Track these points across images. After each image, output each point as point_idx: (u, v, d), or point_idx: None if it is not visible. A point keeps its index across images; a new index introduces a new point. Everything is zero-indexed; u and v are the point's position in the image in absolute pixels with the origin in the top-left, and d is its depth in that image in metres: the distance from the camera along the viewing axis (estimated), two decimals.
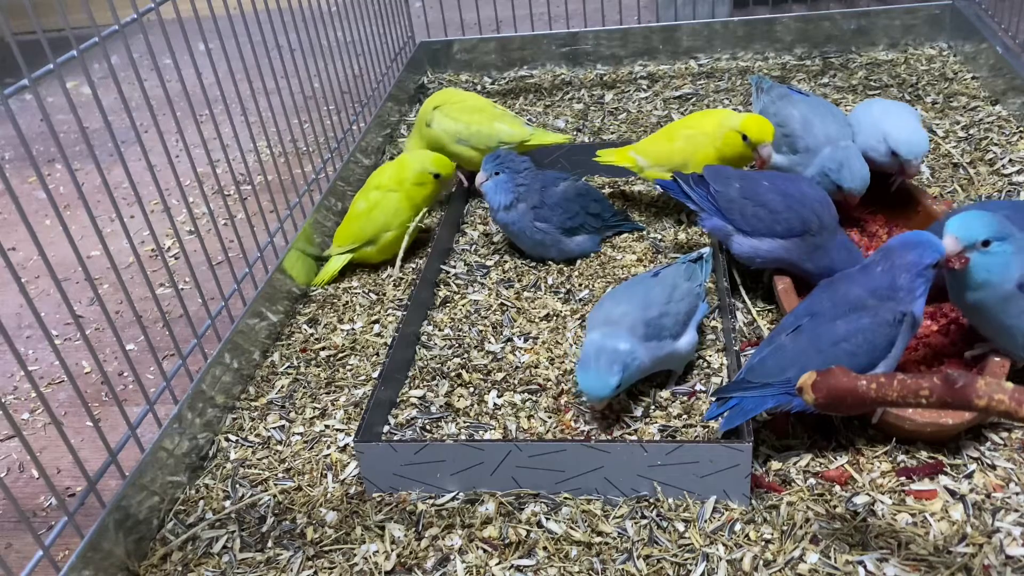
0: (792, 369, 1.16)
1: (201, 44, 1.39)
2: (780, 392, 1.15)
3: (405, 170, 1.73)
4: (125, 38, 1.22)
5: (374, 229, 1.70)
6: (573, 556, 1.09)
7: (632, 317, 1.27)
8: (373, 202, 1.72)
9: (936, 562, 1.03)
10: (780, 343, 1.20)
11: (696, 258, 1.46)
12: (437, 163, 1.74)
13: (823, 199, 1.42)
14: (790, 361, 1.17)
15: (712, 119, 1.64)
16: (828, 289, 1.23)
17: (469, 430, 1.30)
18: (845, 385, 0.92)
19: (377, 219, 1.70)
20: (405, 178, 1.72)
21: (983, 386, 0.82)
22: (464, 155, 1.85)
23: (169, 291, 1.80)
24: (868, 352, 1.15)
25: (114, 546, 1.13)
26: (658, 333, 1.27)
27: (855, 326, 1.16)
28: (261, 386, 1.47)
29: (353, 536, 1.16)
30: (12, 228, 2.16)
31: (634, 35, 2.48)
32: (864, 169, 1.52)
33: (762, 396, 1.16)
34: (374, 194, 1.73)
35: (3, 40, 1.06)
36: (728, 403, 1.17)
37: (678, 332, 1.30)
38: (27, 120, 2.77)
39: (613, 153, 1.77)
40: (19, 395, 1.59)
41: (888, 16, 2.36)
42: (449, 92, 1.96)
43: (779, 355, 1.18)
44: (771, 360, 1.18)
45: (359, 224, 1.71)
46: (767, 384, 1.16)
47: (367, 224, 1.70)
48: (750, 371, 1.19)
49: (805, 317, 1.21)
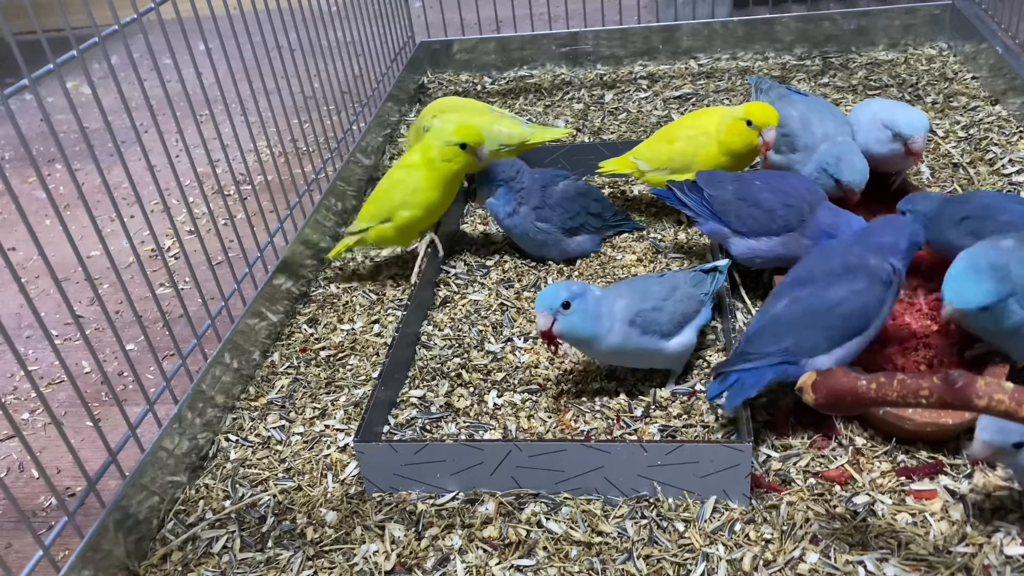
0: (789, 338, 1.19)
1: (201, 44, 1.39)
2: (778, 362, 1.18)
3: (430, 148, 1.61)
4: (125, 38, 1.22)
5: (390, 207, 1.62)
6: (573, 556, 1.09)
7: (626, 300, 1.28)
8: (395, 180, 1.64)
9: (936, 562, 1.03)
10: (776, 313, 1.22)
11: (710, 269, 1.43)
12: (461, 131, 1.59)
13: (811, 187, 1.44)
14: (786, 330, 1.19)
15: (712, 117, 1.64)
16: (821, 254, 1.27)
17: (469, 430, 1.30)
18: (845, 385, 0.92)
19: (394, 197, 1.62)
20: (431, 157, 1.60)
21: (983, 386, 0.82)
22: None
23: (169, 291, 1.80)
24: (862, 314, 1.19)
25: (114, 546, 1.13)
26: (646, 326, 1.27)
27: (849, 289, 1.19)
28: (261, 386, 1.47)
29: (353, 536, 1.16)
30: (12, 228, 2.16)
31: (634, 35, 2.48)
32: (863, 163, 1.52)
33: (761, 370, 1.18)
34: (398, 172, 1.65)
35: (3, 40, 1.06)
36: (728, 380, 1.18)
37: (670, 331, 1.29)
38: (27, 120, 2.77)
39: (615, 162, 1.77)
40: (19, 395, 1.59)
41: (888, 16, 2.36)
42: (447, 100, 1.95)
43: (776, 325, 1.21)
44: (769, 330, 1.20)
45: (376, 202, 1.65)
46: (766, 355, 1.18)
47: (384, 201, 1.63)
48: (748, 342, 1.21)
49: (797, 286, 1.23)
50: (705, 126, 1.64)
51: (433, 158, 1.60)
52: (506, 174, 1.62)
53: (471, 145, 1.59)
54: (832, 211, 1.39)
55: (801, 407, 1.22)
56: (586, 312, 1.23)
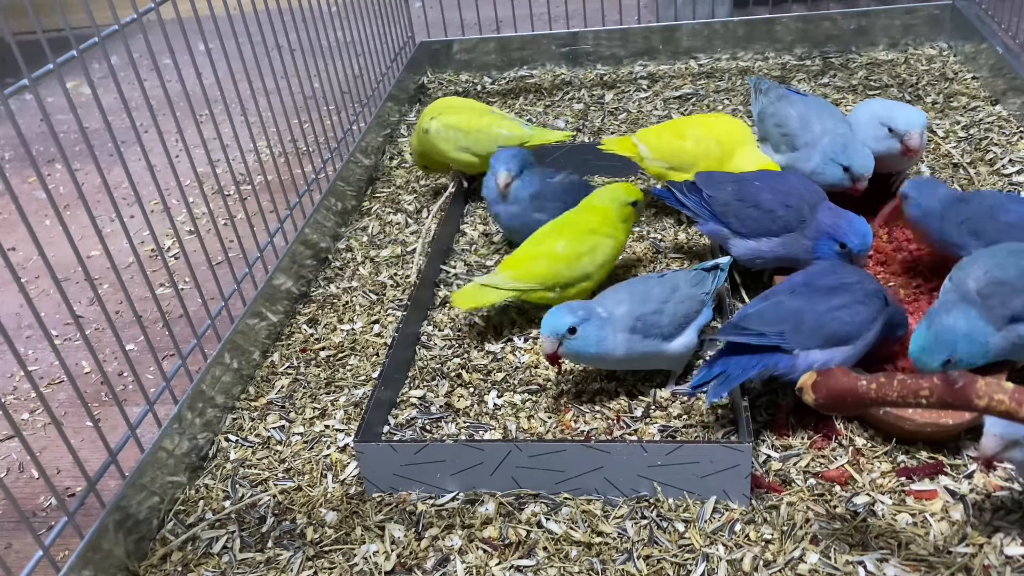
0: (787, 323, 1.20)
1: (201, 44, 1.39)
2: (771, 345, 1.19)
3: (609, 212, 1.51)
4: (125, 38, 1.22)
5: (571, 276, 1.47)
6: (573, 556, 1.09)
7: (626, 307, 1.28)
8: (586, 248, 1.48)
9: (936, 562, 1.03)
10: (778, 299, 1.24)
11: (711, 267, 1.42)
12: (629, 191, 1.53)
13: (811, 187, 1.44)
14: (787, 315, 1.21)
15: (722, 125, 1.64)
16: (825, 268, 1.30)
17: (469, 430, 1.30)
18: (845, 385, 0.91)
19: (584, 266, 1.48)
20: (613, 221, 1.51)
21: (983, 386, 0.82)
22: (465, 160, 1.84)
23: (169, 291, 1.80)
24: (857, 324, 1.20)
25: (114, 546, 1.13)
26: (646, 329, 1.27)
27: (849, 298, 1.21)
28: (261, 386, 1.46)
29: (353, 536, 1.16)
30: (12, 228, 2.16)
31: (634, 35, 2.48)
32: (867, 151, 1.52)
33: (748, 360, 1.19)
34: (590, 239, 1.49)
35: (3, 40, 1.06)
36: (713, 370, 1.19)
37: (671, 333, 1.29)
38: (27, 120, 2.77)
39: (616, 141, 1.77)
40: (19, 395, 1.59)
41: (888, 16, 2.36)
42: (446, 101, 1.94)
43: (778, 308, 1.22)
44: (770, 311, 1.22)
45: (555, 266, 1.47)
46: (762, 333, 1.19)
47: (566, 270, 1.47)
48: (746, 318, 1.22)
49: (802, 285, 1.25)
50: (716, 132, 1.63)
51: (614, 221, 1.51)
52: (529, 159, 1.64)
53: (640, 202, 1.54)
54: (833, 211, 1.38)
55: (801, 407, 1.22)
56: (590, 336, 1.24)
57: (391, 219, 1.90)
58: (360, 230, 1.88)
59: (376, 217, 1.92)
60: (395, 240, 1.82)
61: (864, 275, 1.27)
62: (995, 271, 1.16)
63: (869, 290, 1.23)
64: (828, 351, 1.19)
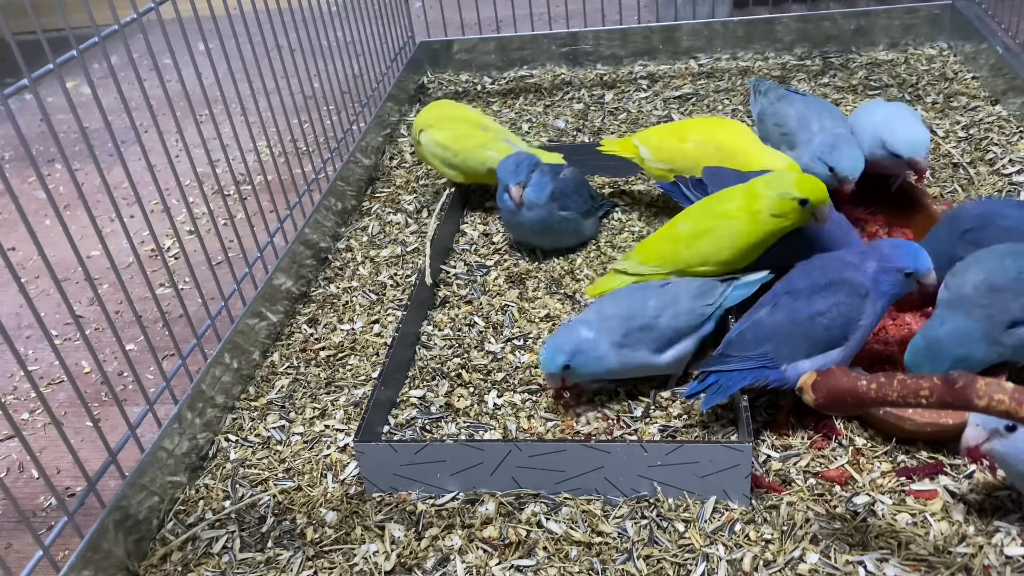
0: (769, 343, 1.20)
1: (201, 44, 1.39)
2: (757, 366, 1.19)
3: (758, 198, 1.34)
4: (125, 38, 1.22)
5: (688, 259, 1.39)
6: (573, 556, 1.09)
7: (615, 321, 1.28)
8: (705, 227, 1.37)
9: (936, 562, 1.03)
10: (758, 318, 1.23)
11: (728, 278, 1.37)
12: (802, 185, 1.31)
13: None
14: (767, 334, 1.20)
15: (725, 128, 1.63)
16: (805, 269, 1.26)
17: (469, 430, 1.30)
18: (845, 385, 0.92)
19: (701, 249, 1.37)
20: (758, 208, 1.33)
21: (983, 386, 0.82)
22: (453, 175, 1.83)
23: (169, 291, 1.80)
24: (842, 325, 1.19)
25: (114, 546, 1.13)
26: (635, 343, 1.27)
27: (832, 300, 1.19)
28: (261, 386, 1.46)
29: (353, 536, 1.16)
30: (12, 228, 2.16)
31: (634, 35, 2.48)
32: (858, 153, 1.51)
33: (740, 372, 1.19)
34: (709, 219, 1.38)
35: (3, 40, 1.06)
36: (706, 381, 1.20)
37: (661, 348, 1.28)
38: (27, 120, 2.77)
39: (616, 142, 1.77)
40: (19, 395, 1.59)
41: (888, 16, 2.36)
42: (442, 108, 1.90)
43: (757, 328, 1.21)
44: (750, 333, 1.21)
45: (674, 247, 1.39)
46: (746, 357, 1.19)
47: (685, 250, 1.38)
48: (728, 345, 1.22)
49: (783, 295, 1.24)
50: (718, 137, 1.62)
51: (759, 210, 1.33)
52: (533, 160, 1.64)
53: (813, 203, 1.31)
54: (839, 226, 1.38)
55: (801, 407, 1.22)
56: (587, 363, 1.26)
57: (391, 219, 1.90)
58: (360, 230, 1.88)
59: (376, 217, 1.92)
60: (395, 240, 1.82)
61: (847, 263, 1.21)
62: (993, 276, 1.16)
63: (854, 283, 1.19)
64: (817, 358, 1.19)
